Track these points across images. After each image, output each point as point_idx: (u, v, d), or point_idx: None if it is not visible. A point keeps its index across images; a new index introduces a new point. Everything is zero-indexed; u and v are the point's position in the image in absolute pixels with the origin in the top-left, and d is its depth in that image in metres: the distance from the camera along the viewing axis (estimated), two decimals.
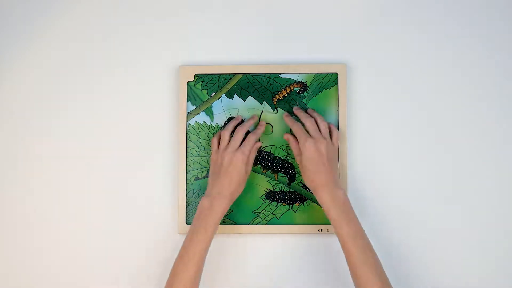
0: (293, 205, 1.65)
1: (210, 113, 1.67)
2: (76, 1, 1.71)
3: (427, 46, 1.68)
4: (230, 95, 1.67)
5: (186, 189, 1.65)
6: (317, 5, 1.69)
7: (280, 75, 1.67)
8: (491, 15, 1.68)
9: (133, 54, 1.70)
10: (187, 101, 1.67)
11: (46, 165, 1.69)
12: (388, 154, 1.67)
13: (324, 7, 1.69)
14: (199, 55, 1.69)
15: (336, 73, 1.66)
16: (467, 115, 1.67)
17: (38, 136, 1.69)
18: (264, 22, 1.70)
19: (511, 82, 1.67)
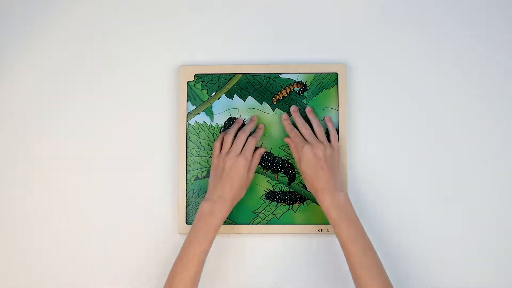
0: (293, 205, 1.65)
1: (210, 113, 1.67)
2: (76, 1, 1.71)
3: (427, 46, 1.68)
4: (230, 95, 1.67)
5: (186, 189, 1.65)
6: (317, 5, 1.69)
7: (280, 75, 1.67)
8: (491, 15, 1.68)
9: (133, 54, 1.70)
10: (187, 101, 1.67)
11: (46, 165, 1.69)
12: (388, 154, 1.67)
13: (324, 7, 1.69)
14: (199, 55, 1.69)
15: (336, 73, 1.66)
16: (467, 115, 1.67)
17: (38, 136, 1.69)
18: (264, 22, 1.70)
19: (511, 82, 1.67)
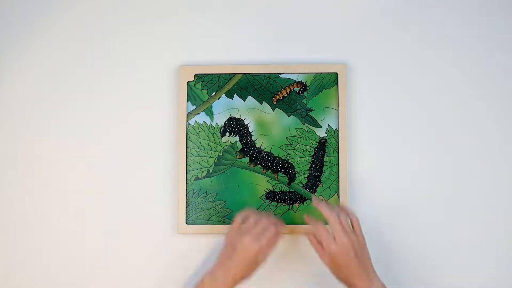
0: (293, 205, 1.65)
1: (210, 113, 1.67)
2: (76, 1, 1.71)
3: (427, 46, 1.68)
4: (230, 95, 1.67)
5: (186, 189, 1.65)
6: (317, 5, 1.69)
7: (280, 75, 1.67)
8: (491, 15, 1.68)
9: (133, 54, 1.70)
10: (187, 101, 1.67)
11: (46, 165, 1.69)
12: (388, 154, 1.67)
13: (324, 7, 1.69)
14: (199, 55, 1.69)
15: (336, 73, 1.66)
16: (467, 115, 1.67)
17: (38, 136, 1.69)
18: (264, 22, 1.70)
19: (511, 82, 1.67)
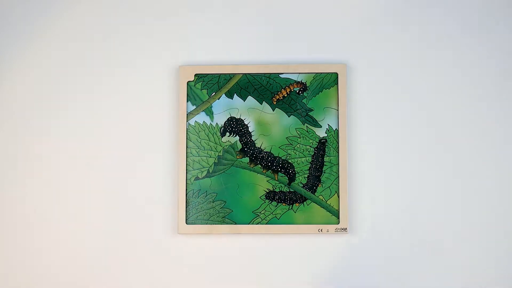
0: (293, 205, 1.65)
1: (210, 113, 1.67)
2: (76, 1, 1.71)
3: (427, 46, 1.68)
4: (230, 95, 1.67)
5: (186, 189, 1.65)
6: (317, 5, 1.69)
7: (280, 75, 1.67)
8: (491, 15, 1.68)
9: (133, 54, 1.70)
10: (187, 101, 1.67)
11: (46, 165, 1.69)
12: (388, 154, 1.67)
13: (324, 7, 1.69)
14: (199, 55, 1.69)
15: (336, 73, 1.66)
16: (467, 115, 1.67)
17: (38, 136, 1.69)
18: (264, 22, 1.70)
19: (511, 82, 1.67)
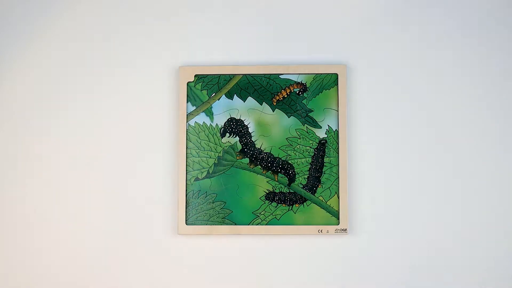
0: (293, 206, 1.65)
1: (210, 113, 1.67)
2: (76, 1, 1.71)
3: (427, 46, 1.68)
4: (230, 96, 1.67)
5: (186, 190, 1.65)
6: (317, 5, 1.69)
7: (280, 76, 1.67)
8: (491, 15, 1.68)
9: (133, 54, 1.70)
10: (187, 102, 1.67)
11: (46, 165, 1.69)
12: (388, 154, 1.67)
13: (324, 7, 1.69)
14: (199, 55, 1.69)
15: (336, 74, 1.66)
16: (467, 115, 1.67)
17: (38, 136, 1.69)
18: (264, 22, 1.70)
19: (511, 82, 1.67)
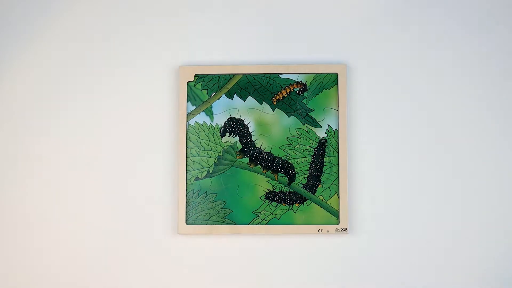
0: (293, 206, 1.65)
1: (210, 113, 1.67)
2: (76, 1, 1.71)
3: (427, 46, 1.68)
4: (230, 95, 1.67)
5: (186, 189, 1.65)
6: (317, 5, 1.69)
7: (280, 75, 1.67)
8: (491, 15, 1.68)
9: (133, 54, 1.70)
10: (187, 101, 1.67)
11: (46, 165, 1.69)
12: (388, 154, 1.67)
13: (324, 7, 1.69)
14: (199, 55, 1.69)
15: (336, 73, 1.66)
16: (467, 115, 1.67)
17: (38, 136, 1.69)
18: (264, 22, 1.70)
19: (511, 82, 1.67)
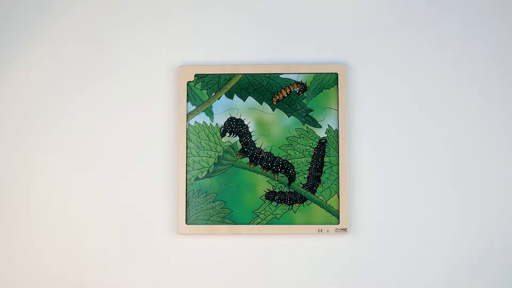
0: (293, 206, 1.65)
1: (210, 113, 1.67)
2: (76, 1, 1.71)
3: (427, 46, 1.68)
4: (230, 95, 1.67)
5: (186, 189, 1.65)
6: (317, 6, 1.69)
7: (280, 75, 1.67)
8: (492, 15, 1.68)
9: (133, 54, 1.70)
10: (187, 101, 1.67)
11: (46, 165, 1.69)
12: (388, 154, 1.67)
13: (324, 7, 1.69)
14: (199, 55, 1.69)
15: (336, 73, 1.66)
16: (467, 115, 1.67)
17: (38, 136, 1.69)
18: (264, 22, 1.70)
19: (511, 82, 1.67)
